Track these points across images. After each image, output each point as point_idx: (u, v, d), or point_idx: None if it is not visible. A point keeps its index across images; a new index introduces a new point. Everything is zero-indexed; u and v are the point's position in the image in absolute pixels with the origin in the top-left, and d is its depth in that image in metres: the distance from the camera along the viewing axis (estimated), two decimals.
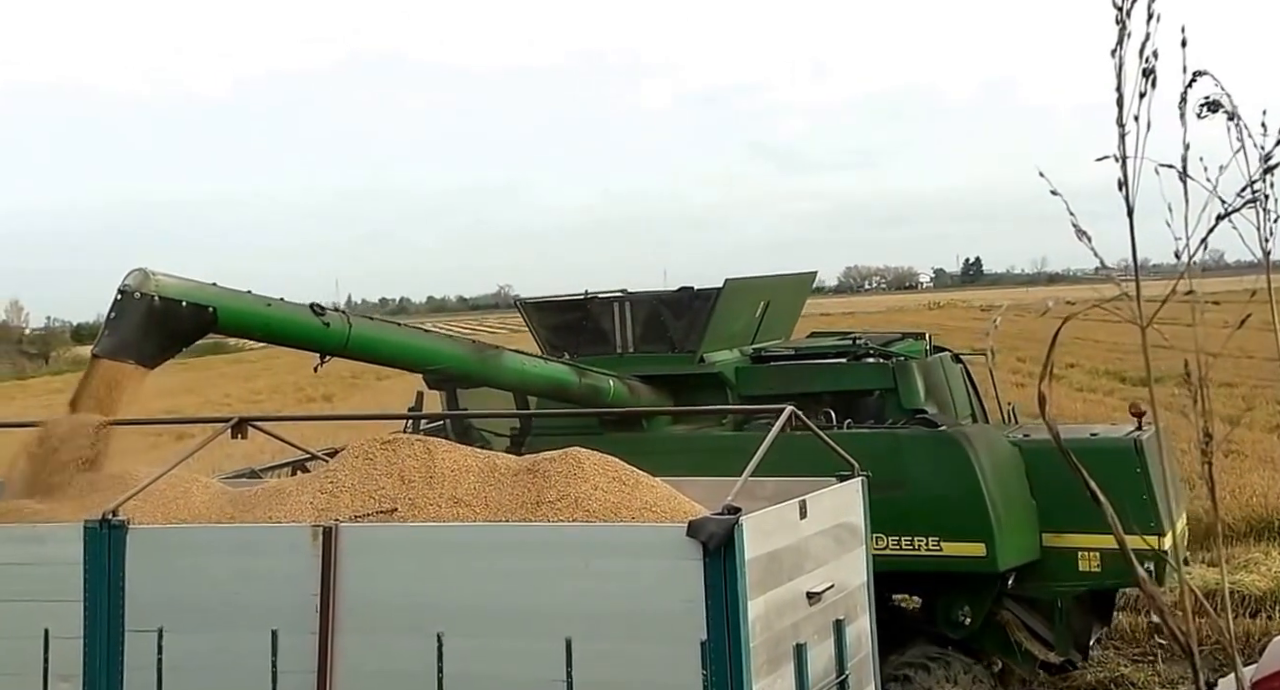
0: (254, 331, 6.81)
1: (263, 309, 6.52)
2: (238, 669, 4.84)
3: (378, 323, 7.47)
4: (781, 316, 8.84)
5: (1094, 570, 6.99)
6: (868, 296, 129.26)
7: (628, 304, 8.25)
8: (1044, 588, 7.21)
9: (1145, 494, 6.91)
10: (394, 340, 7.22)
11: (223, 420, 5.99)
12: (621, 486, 5.14)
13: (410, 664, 4.66)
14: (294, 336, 6.79)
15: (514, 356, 7.68)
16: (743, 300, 8.29)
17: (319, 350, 6.81)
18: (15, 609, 5.05)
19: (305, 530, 4.86)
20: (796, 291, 9.26)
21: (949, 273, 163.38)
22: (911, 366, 7.73)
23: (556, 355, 8.21)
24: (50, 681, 4.99)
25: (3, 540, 5.19)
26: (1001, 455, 7.18)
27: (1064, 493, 6.95)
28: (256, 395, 26.26)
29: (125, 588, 4.97)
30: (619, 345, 8.21)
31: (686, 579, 4.39)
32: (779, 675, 4.67)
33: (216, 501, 5.54)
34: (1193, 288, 2.04)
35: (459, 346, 7.60)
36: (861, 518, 5.61)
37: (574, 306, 8.45)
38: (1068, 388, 24.23)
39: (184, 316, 6.14)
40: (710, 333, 7.99)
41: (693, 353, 7.98)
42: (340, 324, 6.76)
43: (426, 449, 5.40)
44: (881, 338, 8.55)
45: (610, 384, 7.86)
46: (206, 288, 6.30)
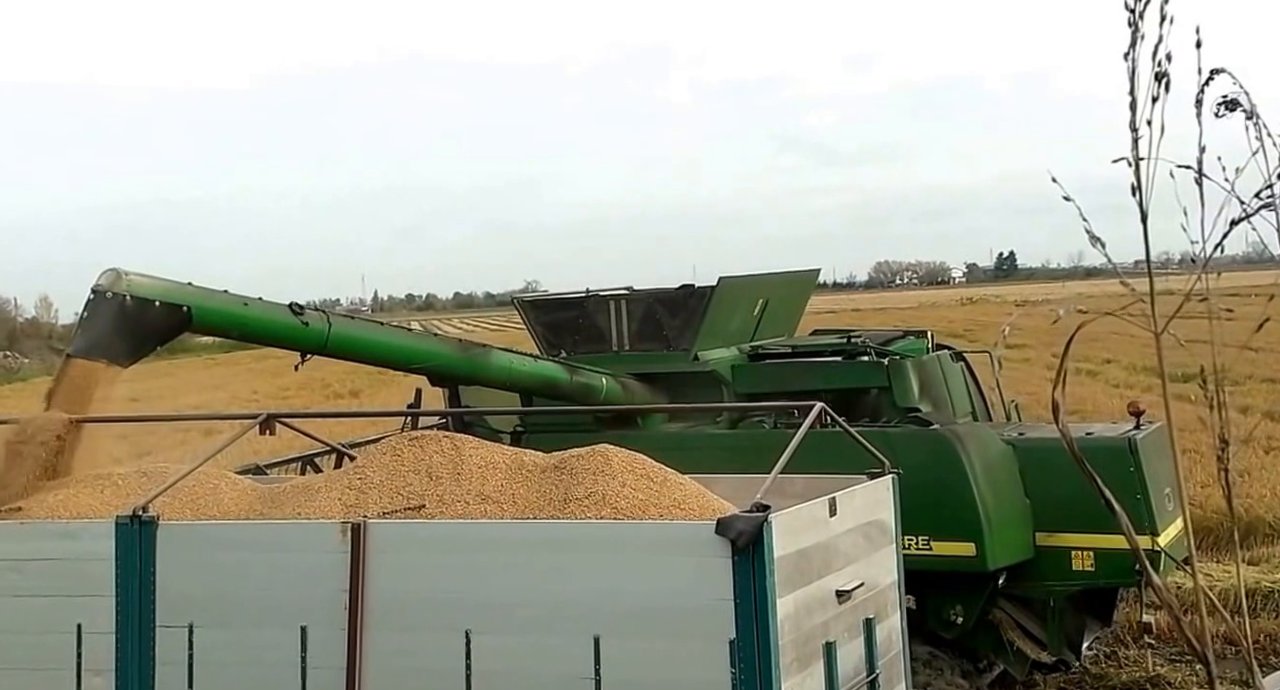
0: (230, 331, 6.82)
1: (239, 308, 6.52)
2: (268, 664, 4.86)
3: (359, 322, 7.49)
4: (782, 314, 8.83)
5: (1087, 570, 6.97)
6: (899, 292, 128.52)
7: (624, 302, 8.27)
8: (1037, 587, 7.18)
9: (1139, 493, 6.89)
10: (375, 340, 7.24)
11: (251, 416, 6.02)
12: (650, 483, 5.11)
13: (439, 660, 4.66)
14: (272, 336, 6.80)
15: (502, 355, 7.70)
16: (739, 298, 8.28)
17: (298, 349, 6.82)
18: (49, 604, 5.10)
19: (334, 527, 4.87)
20: (798, 289, 9.24)
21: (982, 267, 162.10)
22: (906, 365, 7.74)
23: (554, 353, 8.23)
24: (83, 676, 5.02)
25: (36, 536, 5.24)
26: (994, 454, 7.16)
27: (1058, 492, 6.96)
28: (284, 391, 26.47)
29: (156, 583, 5.00)
30: (615, 343, 8.23)
31: (715, 577, 4.36)
32: (808, 674, 4.63)
33: (245, 498, 5.57)
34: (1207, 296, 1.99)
35: (444, 345, 7.63)
36: (892, 516, 5.56)
37: (570, 305, 8.49)
38: (1104, 384, 23.94)
39: (157, 316, 6.14)
40: (705, 331, 8.00)
41: (687, 350, 8.00)
42: (319, 323, 6.76)
43: (454, 445, 5.40)
44: (882, 336, 8.56)
45: (603, 382, 7.88)
46: (181, 287, 6.30)
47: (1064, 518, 6.94)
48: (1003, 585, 7.05)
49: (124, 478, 5.73)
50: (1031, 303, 69.93)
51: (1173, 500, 7.45)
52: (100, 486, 5.63)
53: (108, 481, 5.68)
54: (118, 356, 6.10)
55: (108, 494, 5.55)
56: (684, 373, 8.00)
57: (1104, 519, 7.00)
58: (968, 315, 61.73)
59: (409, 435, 5.56)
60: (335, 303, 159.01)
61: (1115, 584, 7.30)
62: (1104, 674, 8.26)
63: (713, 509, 4.91)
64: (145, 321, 6.11)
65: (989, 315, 59.76)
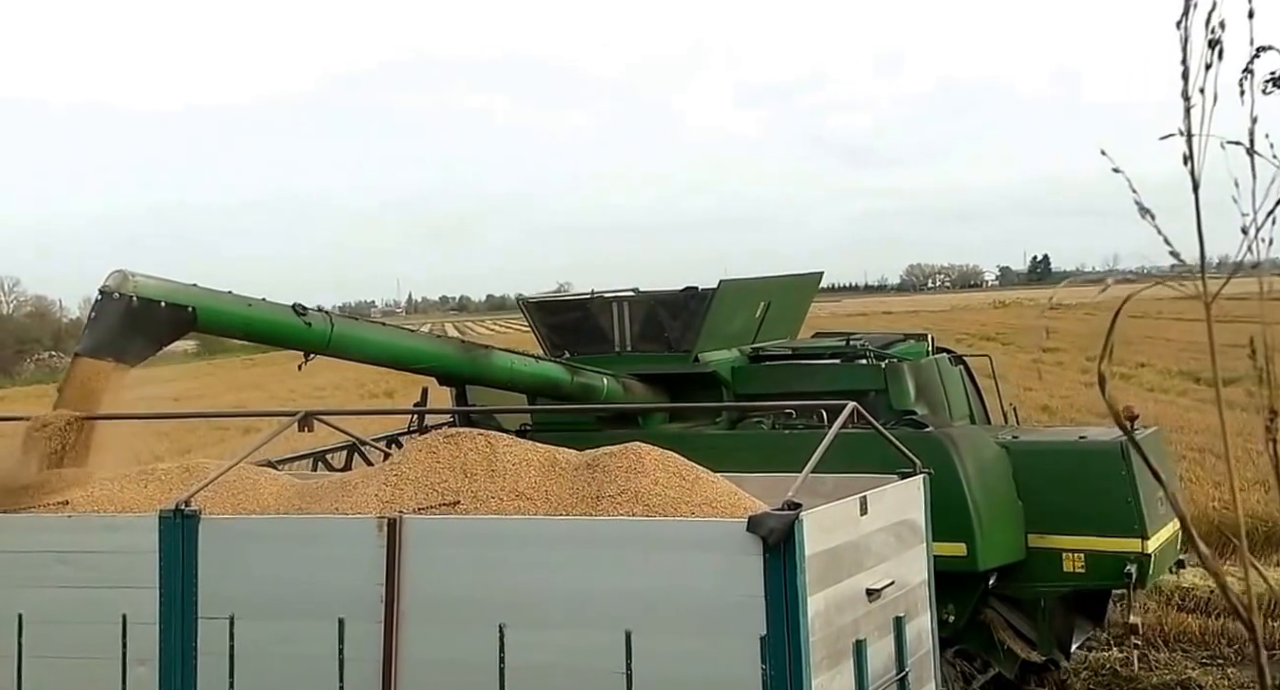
0: (235, 331, 6.96)
1: (243, 309, 6.64)
2: (306, 656, 4.95)
3: (361, 323, 7.62)
4: (784, 317, 8.94)
5: (1078, 571, 7.04)
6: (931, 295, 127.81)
7: (626, 304, 8.38)
8: (1028, 588, 7.23)
9: (1130, 496, 6.94)
10: (377, 340, 7.34)
11: (290, 414, 6.12)
12: (681, 481, 5.16)
13: (473, 654, 4.72)
14: (276, 336, 6.92)
15: (503, 355, 7.81)
16: (739, 301, 8.38)
17: (301, 349, 6.93)
18: (95, 595, 5.21)
19: (370, 522, 4.94)
20: (799, 292, 9.35)
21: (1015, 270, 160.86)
22: (902, 368, 7.83)
23: (558, 354, 8.34)
24: (129, 665, 5.14)
25: (83, 529, 5.36)
26: (987, 456, 7.21)
27: (1050, 494, 7.06)
28: (320, 391, 26.76)
29: (198, 576, 5.10)
30: (617, 344, 8.34)
31: (746, 574, 4.40)
32: (838, 671, 4.66)
33: (284, 493, 5.67)
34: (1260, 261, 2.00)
35: (446, 346, 7.77)
36: (922, 515, 5.58)
37: (574, 306, 8.62)
38: (1138, 388, 23.72)
39: (162, 316, 6.27)
40: (705, 332, 8.09)
41: (688, 352, 8.10)
42: (322, 324, 6.87)
43: (488, 443, 5.47)
44: (882, 339, 8.65)
45: (604, 382, 7.98)
46: (186, 288, 6.44)
47: (1055, 520, 7.03)
48: (994, 585, 7.11)
49: (167, 473, 5.86)
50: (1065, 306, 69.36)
51: (1165, 504, 7.45)
52: (144, 481, 5.76)
53: (151, 476, 5.81)
54: (125, 355, 6.24)
55: (151, 489, 5.67)
56: (685, 373, 8.12)
57: (1094, 521, 6.97)
58: (1000, 318, 61.27)
59: (444, 433, 5.64)
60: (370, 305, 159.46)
61: (1105, 585, 7.34)
62: (1135, 676, 8.23)
63: (744, 507, 4.94)
64: (151, 321, 6.25)
65: (1022, 318, 59.30)
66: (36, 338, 56.27)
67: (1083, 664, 8.36)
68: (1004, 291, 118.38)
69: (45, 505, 5.60)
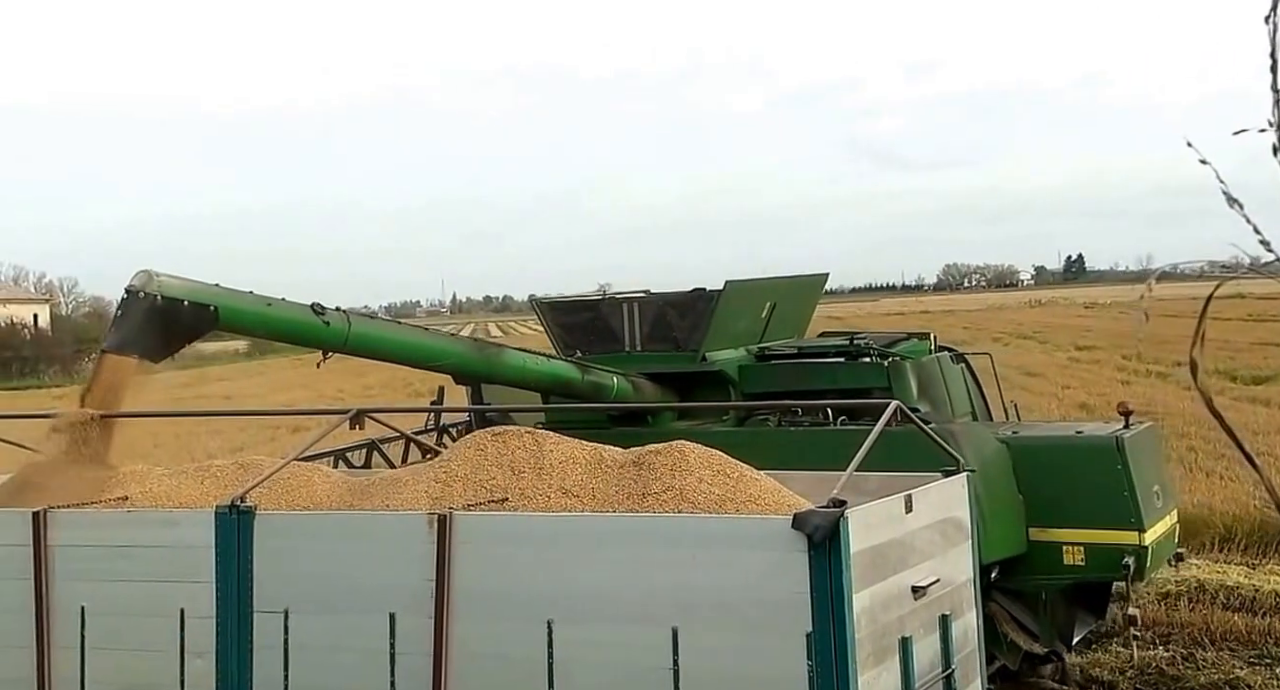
0: (255, 329, 7.14)
1: (263, 308, 6.80)
2: (359, 650, 5.02)
3: (378, 321, 7.77)
4: (791, 317, 9.10)
5: (1078, 564, 7.16)
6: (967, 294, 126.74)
7: (636, 304, 8.55)
8: (1029, 581, 7.33)
9: (1126, 490, 7.10)
10: (393, 338, 7.49)
11: (342, 412, 6.23)
12: (726, 479, 5.20)
13: (521, 649, 4.77)
14: (295, 334, 7.08)
15: (516, 354, 7.96)
16: (745, 301, 8.53)
17: (320, 348, 7.10)
18: (154, 588, 5.32)
19: (421, 518, 5.01)
20: (805, 293, 9.53)
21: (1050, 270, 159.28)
22: (905, 366, 7.95)
23: (570, 353, 8.51)
24: (187, 657, 5.24)
25: (142, 524, 5.48)
26: (989, 452, 7.28)
27: (1050, 489, 7.18)
28: (368, 390, 27.01)
29: (253, 570, 5.20)
30: (627, 344, 8.50)
31: (792, 571, 4.42)
32: (884, 668, 4.68)
33: (336, 490, 5.76)
34: None
35: (460, 344, 7.91)
36: (967, 513, 5.59)
37: (586, 307, 8.78)
38: (1175, 387, 23.43)
39: (186, 315, 6.43)
40: (713, 332, 8.23)
41: (695, 351, 8.23)
42: (340, 323, 7.01)
43: (535, 441, 5.53)
44: (886, 338, 8.77)
45: (614, 381, 8.11)
46: (208, 288, 6.61)
47: (1055, 514, 7.13)
48: (996, 579, 7.18)
49: (222, 469, 5.98)
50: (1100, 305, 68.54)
51: (1162, 498, 7.62)
52: (200, 477, 5.89)
53: (207, 473, 5.94)
54: (149, 352, 6.41)
55: (207, 485, 5.79)
56: (693, 372, 8.26)
57: (1093, 515, 7.07)
58: (1036, 318, 60.68)
59: (492, 431, 5.71)
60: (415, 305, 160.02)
61: (1104, 578, 7.45)
62: (1181, 675, 8.17)
63: (788, 504, 4.98)
64: (175, 320, 6.41)
65: (1058, 317, 58.71)
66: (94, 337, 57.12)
67: (1129, 663, 8.31)
68: (1040, 291, 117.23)
69: (106, 501, 5.74)
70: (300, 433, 12.46)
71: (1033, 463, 7.25)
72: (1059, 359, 31.95)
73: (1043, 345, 38.06)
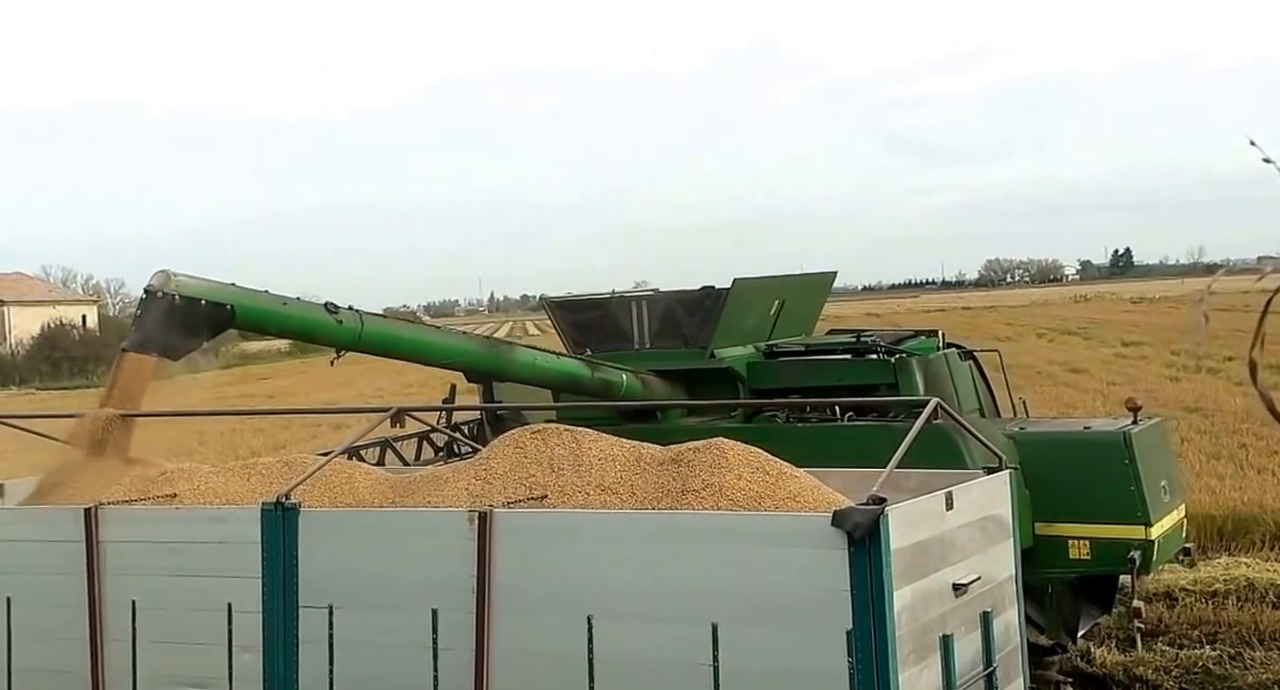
0: (270, 328, 7.27)
1: (279, 307, 6.95)
2: (402, 645, 5.08)
3: (389, 320, 7.90)
4: (799, 315, 9.19)
5: (1084, 558, 7.20)
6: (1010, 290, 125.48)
7: (645, 302, 8.66)
8: (1035, 574, 7.28)
9: (1133, 485, 7.17)
10: (405, 337, 7.62)
11: (383, 410, 6.31)
12: (765, 476, 5.21)
13: (562, 645, 4.80)
14: (309, 333, 7.23)
15: (526, 351, 8.07)
16: (753, 299, 8.62)
17: (334, 345, 7.24)
18: (202, 583, 5.42)
19: (461, 515, 5.05)
20: (814, 291, 9.63)
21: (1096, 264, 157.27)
22: (911, 363, 8.00)
23: (579, 351, 8.61)
24: (234, 651, 5.33)
25: (190, 520, 5.58)
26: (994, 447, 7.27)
27: (1055, 484, 7.22)
28: (408, 388, 27.25)
29: (298, 566, 5.27)
30: (636, 341, 8.61)
31: (832, 568, 4.42)
32: (925, 666, 4.66)
33: (379, 487, 5.84)
34: None
35: (470, 342, 8.02)
36: (1009, 511, 5.55)
37: (595, 305, 8.88)
38: (1226, 382, 23.05)
39: (203, 314, 6.58)
40: (721, 329, 8.33)
41: (704, 348, 8.32)
42: (353, 321, 7.13)
43: (574, 438, 5.57)
44: (894, 335, 8.83)
45: (623, 378, 8.21)
46: (224, 287, 6.75)
47: (1061, 508, 7.16)
48: None
49: (268, 467, 6.08)
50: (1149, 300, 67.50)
51: (1169, 493, 7.66)
52: (246, 475, 5.99)
53: (253, 470, 6.04)
54: (168, 351, 6.57)
55: (253, 482, 5.89)
56: (701, 369, 8.35)
57: (1099, 510, 7.12)
58: (1082, 313, 59.87)
59: (531, 428, 5.75)
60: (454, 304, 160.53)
61: (1110, 572, 7.49)
62: (1228, 675, 8.06)
63: (828, 502, 4.97)
64: (192, 318, 6.56)
65: (1104, 313, 57.91)
66: None
67: (1174, 661, 8.21)
68: (1085, 286, 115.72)
69: (155, 498, 5.86)
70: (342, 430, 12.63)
71: (1040, 458, 7.27)
72: (1104, 355, 31.54)
73: (1087, 341, 37.58)
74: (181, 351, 6.65)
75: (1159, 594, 9.61)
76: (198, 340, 6.77)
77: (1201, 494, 12.41)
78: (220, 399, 31.85)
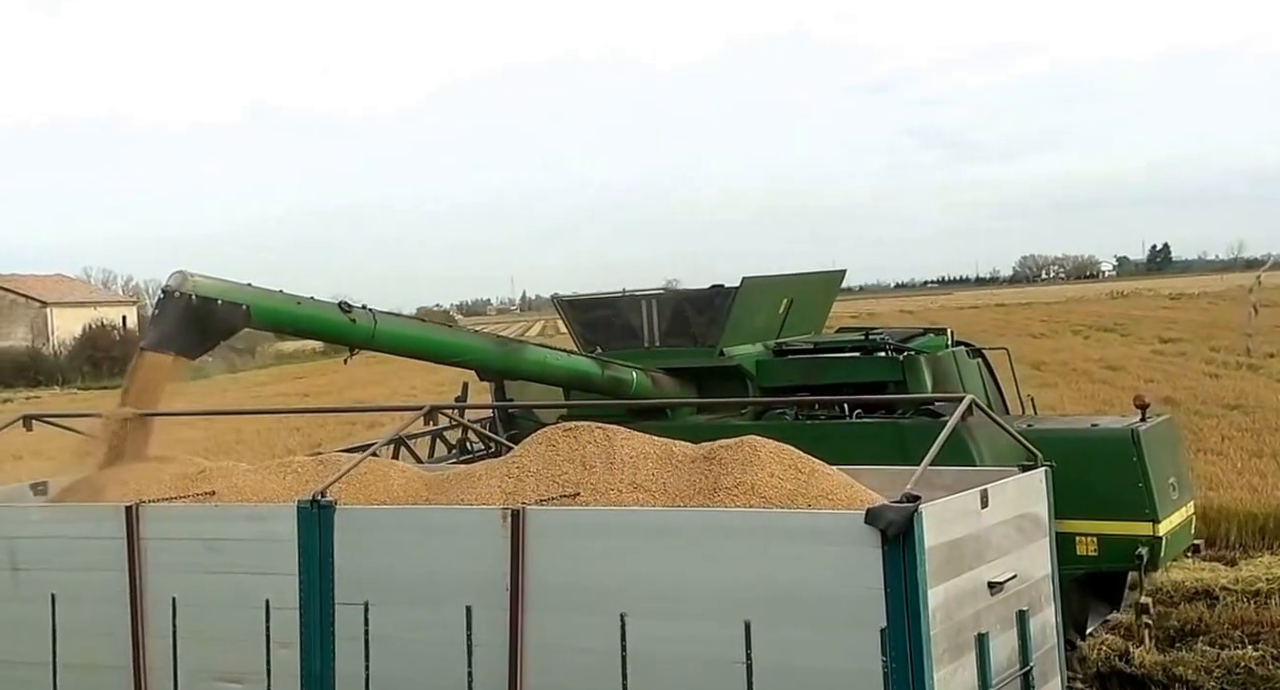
0: (285, 327, 7.41)
1: (293, 306, 7.05)
2: (436, 641, 5.11)
3: (402, 319, 8.00)
4: (809, 313, 9.29)
5: (1091, 554, 7.24)
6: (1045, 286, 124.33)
7: (655, 301, 8.77)
8: None
9: (1140, 482, 7.23)
10: (417, 335, 7.73)
11: (416, 408, 6.36)
12: (798, 474, 5.20)
13: (595, 642, 4.82)
14: (323, 332, 7.38)
15: (536, 350, 8.19)
16: (762, 298, 8.72)
17: (348, 344, 7.37)
18: (241, 580, 5.48)
19: (494, 513, 5.08)
20: (823, 289, 9.73)
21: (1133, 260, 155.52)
22: (919, 360, 8.07)
23: (590, 349, 8.71)
24: (272, 647, 5.39)
25: (228, 518, 5.65)
26: (1002, 444, 7.26)
27: (1062, 480, 7.24)
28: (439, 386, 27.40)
29: (334, 563, 5.32)
30: (646, 339, 8.71)
31: (865, 566, 4.40)
32: (960, 664, 4.64)
33: (412, 485, 5.88)
34: None
35: (481, 340, 8.14)
36: (1045, 509, 5.51)
37: (606, 304, 9.01)
38: (1267, 379, 22.73)
39: (219, 313, 6.69)
40: (730, 328, 8.43)
41: (713, 346, 8.43)
42: (366, 320, 7.25)
43: (606, 436, 5.58)
44: (903, 333, 8.88)
45: (633, 375, 8.30)
46: (240, 287, 6.85)
47: (1068, 505, 7.04)
48: None
49: (304, 465, 6.15)
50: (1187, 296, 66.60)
51: (1178, 490, 7.67)
52: (283, 473, 6.06)
53: (289, 468, 6.11)
54: (185, 350, 6.68)
55: (289, 480, 5.96)
56: (710, 367, 8.44)
57: (1106, 506, 7.15)
58: (1119, 309, 59.15)
59: (563, 426, 5.77)
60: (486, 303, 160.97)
61: (1117, 568, 7.51)
62: (1271, 676, 7.94)
63: (861, 499, 4.96)
64: (209, 318, 6.67)
65: (1142, 309, 57.19)
66: None
67: (1215, 662, 8.11)
68: (1122, 282, 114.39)
69: (194, 495, 5.94)
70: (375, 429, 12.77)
71: (1047, 455, 7.31)
72: (1142, 352, 31.16)
73: (1124, 338, 37.14)
74: (198, 350, 6.78)
75: (1200, 593, 9.49)
76: (214, 339, 6.90)
77: (1243, 492, 12.24)
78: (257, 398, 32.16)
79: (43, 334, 61.32)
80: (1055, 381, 24.30)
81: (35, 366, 52.84)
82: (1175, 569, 9.95)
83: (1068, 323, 48.37)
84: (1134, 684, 7.93)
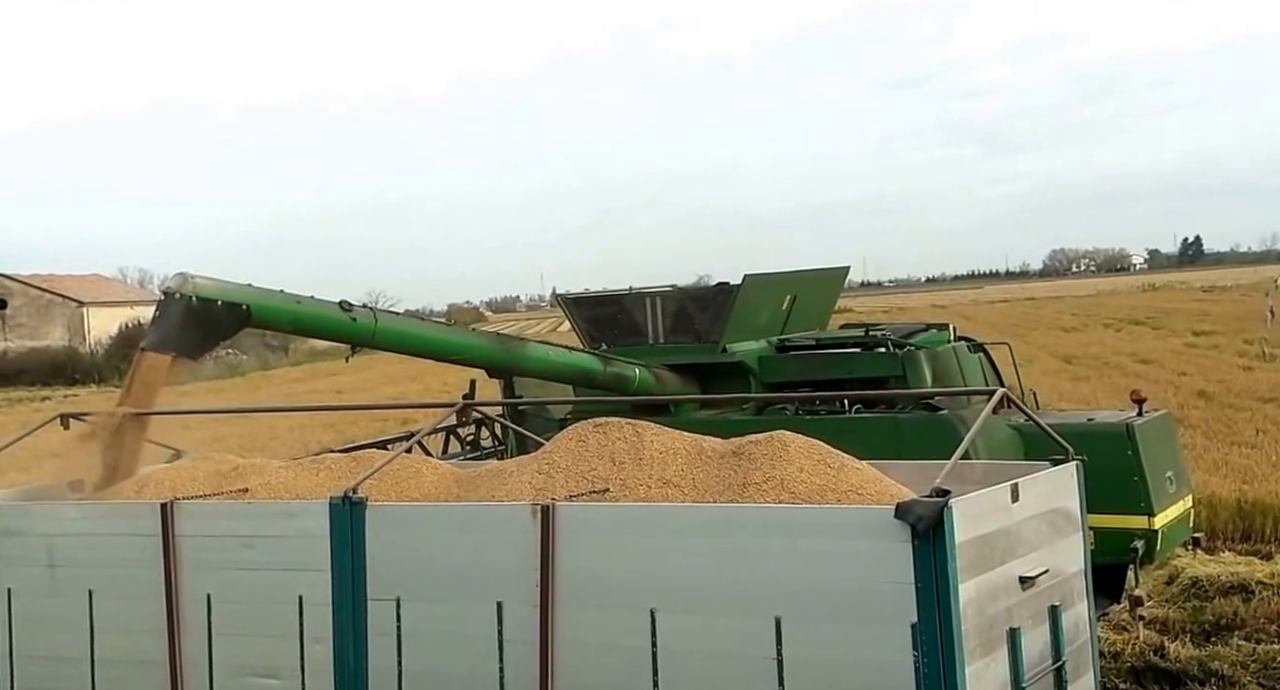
0: (286, 326, 7.46)
1: (293, 306, 7.10)
2: (468, 637, 5.14)
3: (402, 317, 8.11)
4: (812, 310, 9.38)
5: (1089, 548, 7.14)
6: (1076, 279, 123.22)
7: (658, 298, 8.88)
8: None
9: (1136, 476, 7.35)
10: (417, 334, 7.82)
11: (449, 405, 6.41)
12: (827, 469, 5.19)
13: (625, 638, 4.83)
14: (324, 330, 7.44)
15: (538, 347, 8.29)
16: (764, 295, 8.81)
17: (348, 342, 7.43)
18: (274, 576, 5.54)
19: (525, 509, 5.10)
20: (826, 286, 9.82)
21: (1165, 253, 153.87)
22: (919, 356, 8.17)
23: (595, 346, 8.82)
24: (306, 642, 5.44)
25: (262, 514, 5.70)
26: (999, 439, 7.37)
27: None
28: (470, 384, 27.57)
29: (366, 560, 5.36)
30: (650, 336, 8.85)
31: (895, 561, 4.39)
32: (992, 659, 4.62)
33: (444, 481, 5.92)
34: None
35: (482, 338, 8.23)
36: (1077, 503, 5.47)
37: (610, 301, 9.13)
38: None
39: (220, 313, 6.75)
40: (732, 324, 8.55)
41: (715, 343, 8.54)
42: (366, 319, 7.30)
43: (635, 432, 5.59)
44: (904, 328, 8.97)
45: (636, 372, 8.40)
46: (240, 288, 6.91)
47: None
48: None
49: (336, 462, 6.20)
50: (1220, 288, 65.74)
51: (1175, 484, 7.75)
52: (316, 470, 6.11)
53: (322, 465, 6.16)
54: (186, 350, 6.76)
55: (322, 477, 6.01)
56: (713, 363, 8.54)
57: (1103, 499, 7.04)
58: (1150, 302, 58.51)
59: (593, 422, 5.79)
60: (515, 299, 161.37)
61: (1114, 561, 7.48)
62: None
63: (891, 494, 4.94)
64: (209, 319, 6.74)
65: (1174, 302, 56.54)
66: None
67: (1250, 656, 8.03)
68: (1153, 274, 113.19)
69: (228, 492, 6.01)
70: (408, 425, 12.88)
71: (1044, 449, 7.33)
72: (1174, 345, 30.82)
73: (1156, 331, 36.75)
74: (199, 350, 6.86)
75: (1235, 587, 9.39)
76: (214, 339, 6.99)
77: (1278, 485, 12.11)
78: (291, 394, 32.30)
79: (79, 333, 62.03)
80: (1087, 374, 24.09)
81: (72, 365, 53.44)
82: (1211, 563, 9.87)
83: (1099, 316, 47.91)
84: (1169, 679, 7.86)
